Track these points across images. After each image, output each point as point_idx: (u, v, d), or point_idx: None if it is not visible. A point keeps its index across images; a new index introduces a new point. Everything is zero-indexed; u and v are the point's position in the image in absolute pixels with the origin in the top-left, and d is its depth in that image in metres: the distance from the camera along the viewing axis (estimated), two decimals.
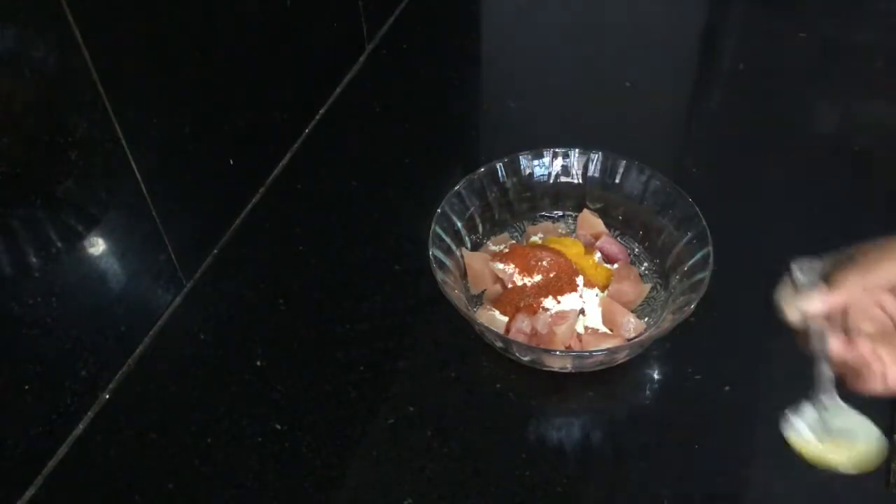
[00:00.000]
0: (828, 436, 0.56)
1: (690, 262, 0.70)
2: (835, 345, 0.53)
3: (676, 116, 0.97)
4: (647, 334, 0.68)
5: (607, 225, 0.78)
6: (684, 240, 0.71)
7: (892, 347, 0.52)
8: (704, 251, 0.68)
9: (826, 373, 0.55)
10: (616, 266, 0.74)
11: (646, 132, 0.91)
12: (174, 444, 0.65)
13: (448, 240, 0.73)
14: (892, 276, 0.52)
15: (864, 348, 0.52)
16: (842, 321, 0.55)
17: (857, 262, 0.53)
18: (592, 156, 0.77)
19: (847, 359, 0.53)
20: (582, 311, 0.70)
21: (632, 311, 0.70)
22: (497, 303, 0.71)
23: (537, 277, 0.71)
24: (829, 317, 0.54)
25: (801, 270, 0.56)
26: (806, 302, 0.54)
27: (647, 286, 0.73)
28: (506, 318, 0.70)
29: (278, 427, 0.65)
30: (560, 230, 0.78)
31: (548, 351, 0.66)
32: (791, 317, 0.55)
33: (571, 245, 0.74)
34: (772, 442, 0.64)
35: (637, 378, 0.69)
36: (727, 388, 0.67)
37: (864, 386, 0.53)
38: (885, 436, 0.55)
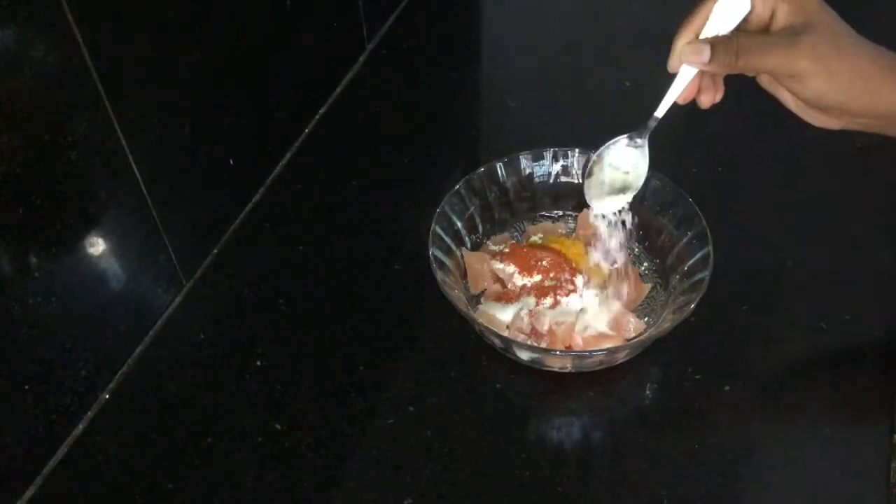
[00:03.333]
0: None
1: (690, 262, 0.70)
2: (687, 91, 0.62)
3: (676, 116, 0.97)
4: (647, 334, 0.68)
5: None
6: (684, 240, 0.71)
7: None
8: (704, 251, 0.68)
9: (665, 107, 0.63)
10: (616, 266, 0.74)
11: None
12: (174, 444, 0.65)
13: (448, 240, 0.73)
14: (779, 70, 0.56)
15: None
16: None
17: (752, 44, 0.56)
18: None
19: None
20: (582, 311, 0.70)
21: (632, 311, 0.70)
22: (497, 302, 0.71)
23: (537, 277, 0.71)
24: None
25: (724, 7, 0.57)
26: (690, 55, 0.58)
27: (647, 286, 0.73)
28: (506, 319, 0.69)
29: (278, 427, 0.65)
30: (560, 230, 0.78)
31: (548, 351, 0.66)
32: (671, 61, 0.61)
33: (571, 245, 0.74)
34: (772, 442, 0.65)
35: (637, 378, 0.69)
36: (727, 388, 0.67)
37: None
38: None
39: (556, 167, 0.78)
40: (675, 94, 0.61)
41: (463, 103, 0.98)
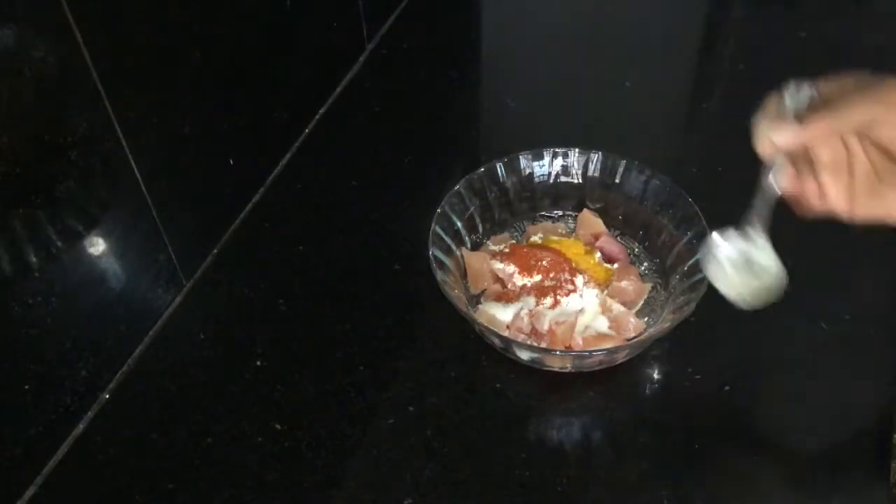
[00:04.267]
0: (743, 266, 0.59)
1: (690, 262, 0.70)
2: (784, 179, 0.56)
3: (676, 116, 0.97)
4: (647, 334, 0.68)
5: (607, 225, 0.78)
6: (684, 239, 0.71)
7: (839, 177, 0.54)
8: None
9: (763, 206, 0.58)
10: (616, 266, 0.74)
11: (646, 132, 0.91)
12: (174, 444, 0.65)
13: (448, 240, 0.73)
14: (862, 119, 0.52)
15: (809, 183, 0.55)
16: (803, 157, 0.55)
17: (831, 103, 0.53)
18: (592, 156, 0.77)
19: (793, 190, 0.56)
20: (582, 311, 0.70)
21: (632, 311, 0.70)
22: (497, 302, 0.71)
23: (537, 277, 0.71)
24: (790, 152, 0.55)
25: (791, 94, 0.55)
26: (776, 132, 0.54)
27: (647, 286, 0.73)
28: (506, 319, 0.70)
29: (278, 427, 0.65)
30: (560, 230, 0.78)
31: (548, 351, 0.66)
32: (760, 145, 0.56)
33: (571, 245, 0.74)
34: (772, 442, 0.65)
35: (637, 378, 0.69)
36: (727, 388, 0.67)
37: (804, 209, 0.56)
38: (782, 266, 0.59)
39: (556, 167, 0.78)
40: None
41: (463, 103, 0.98)
